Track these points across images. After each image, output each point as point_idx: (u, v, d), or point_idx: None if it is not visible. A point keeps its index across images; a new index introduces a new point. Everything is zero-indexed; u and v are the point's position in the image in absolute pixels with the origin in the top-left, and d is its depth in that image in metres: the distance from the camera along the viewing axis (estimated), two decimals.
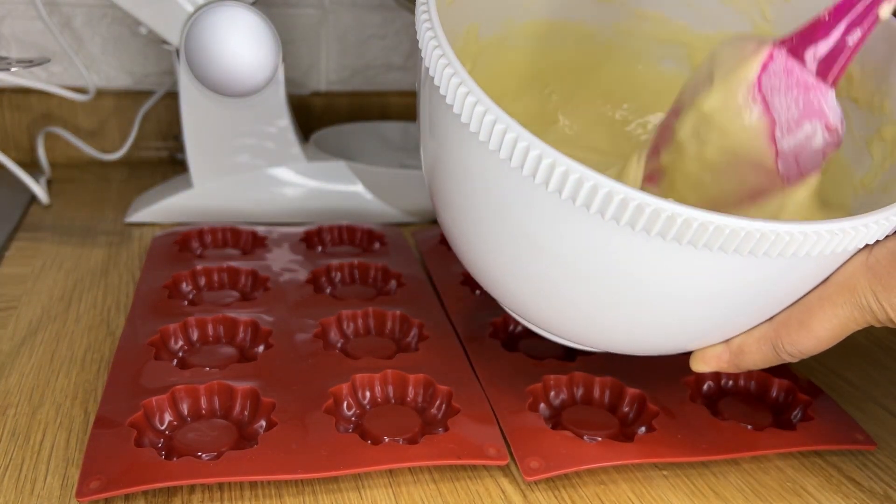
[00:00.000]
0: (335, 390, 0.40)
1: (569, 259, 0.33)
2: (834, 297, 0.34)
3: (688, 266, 0.31)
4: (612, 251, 0.31)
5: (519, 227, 0.33)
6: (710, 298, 0.33)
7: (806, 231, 0.29)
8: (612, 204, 0.29)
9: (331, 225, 0.62)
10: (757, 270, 0.31)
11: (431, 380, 0.42)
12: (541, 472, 0.36)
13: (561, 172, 0.29)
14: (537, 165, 0.30)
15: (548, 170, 0.30)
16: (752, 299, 0.34)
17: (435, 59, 0.32)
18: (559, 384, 0.43)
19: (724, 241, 0.29)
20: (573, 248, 0.32)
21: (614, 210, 0.29)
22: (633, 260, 0.31)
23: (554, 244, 0.32)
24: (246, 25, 0.60)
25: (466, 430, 0.38)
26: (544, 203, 0.31)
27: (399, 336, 0.48)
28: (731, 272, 0.31)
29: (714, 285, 0.32)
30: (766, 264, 0.31)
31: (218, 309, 0.48)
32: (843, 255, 0.32)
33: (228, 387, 0.40)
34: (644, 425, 0.40)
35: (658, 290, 0.32)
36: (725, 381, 0.45)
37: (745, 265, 0.31)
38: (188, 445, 0.37)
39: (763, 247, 0.29)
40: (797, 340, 0.36)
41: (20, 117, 0.77)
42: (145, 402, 0.38)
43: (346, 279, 0.55)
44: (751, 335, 0.36)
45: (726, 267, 0.31)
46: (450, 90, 0.32)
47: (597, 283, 0.33)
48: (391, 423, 0.39)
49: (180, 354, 0.45)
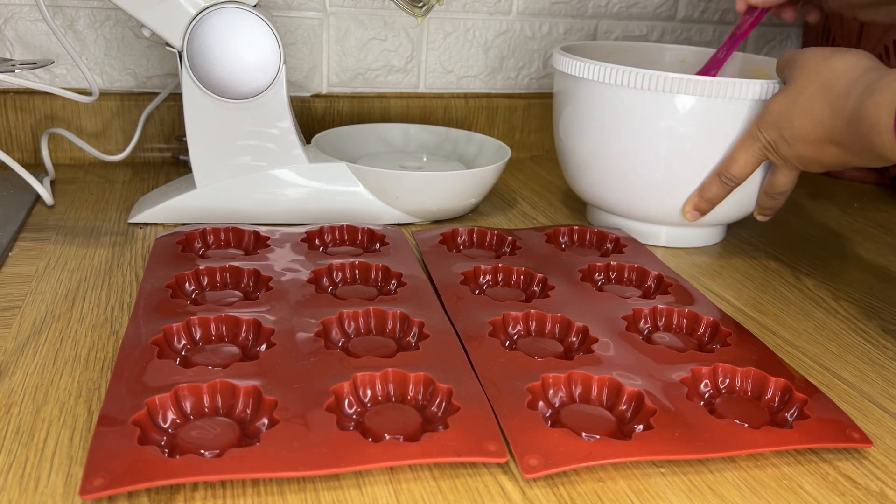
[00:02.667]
0: (336, 388, 0.41)
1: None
2: (746, 137, 0.60)
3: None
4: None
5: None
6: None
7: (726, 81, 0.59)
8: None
9: (332, 225, 0.62)
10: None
11: (431, 378, 0.42)
12: (539, 470, 0.37)
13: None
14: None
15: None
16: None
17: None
18: (558, 383, 0.43)
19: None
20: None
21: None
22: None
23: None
24: (248, 28, 0.61)
25: (466, 428, 0.39)
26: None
27: (400, 335, 0.48)
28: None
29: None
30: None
31: (220, 308, 0.48)
32: (745, 102, 0.60)
33: (231, 385, 0.40)
34: (642, 423, 0.41)
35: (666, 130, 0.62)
36: (722, 380, 0.45)
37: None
38: (191, 443, 0.37)
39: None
40: (729, 167, 0.61)
41: (24, 119, 0.78)
42: (148, 401, 0.39)
43: (347, 279, 0.55)
44: (707, 177, 0.63)
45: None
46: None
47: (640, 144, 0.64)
48: (392, 420, 0.40)
49: (183, 353, 0.45)
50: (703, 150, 0.62)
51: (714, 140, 0.62)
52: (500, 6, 0.89)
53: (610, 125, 0.64)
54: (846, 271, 0.66)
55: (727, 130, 0.61)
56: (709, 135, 0.62)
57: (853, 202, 0.86)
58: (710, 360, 0.46)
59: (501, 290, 0.56)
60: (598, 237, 0.66)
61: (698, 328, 0.51)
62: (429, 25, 0.88)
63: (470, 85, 0.92)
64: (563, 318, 0.50)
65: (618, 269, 0.59)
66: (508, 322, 0.50)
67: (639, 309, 0.52)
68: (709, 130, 0.61)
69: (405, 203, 0.67)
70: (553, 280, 0.56)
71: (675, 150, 0.62)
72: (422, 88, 0.90)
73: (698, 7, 0.97)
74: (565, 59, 0.66)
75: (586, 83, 0.65)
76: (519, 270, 0.57)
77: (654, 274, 0.58)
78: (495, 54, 0.91)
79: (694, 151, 0.62)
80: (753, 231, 0.74)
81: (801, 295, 0.61)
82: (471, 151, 0.78)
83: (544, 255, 0.61)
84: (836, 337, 0.54)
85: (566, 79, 0.68)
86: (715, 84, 0.59)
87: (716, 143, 0.62)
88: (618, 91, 0.63)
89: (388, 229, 0.63)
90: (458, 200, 0.69)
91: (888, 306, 0.60)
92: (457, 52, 0.90)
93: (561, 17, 0.92)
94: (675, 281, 0.58)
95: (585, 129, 0.67)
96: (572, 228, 0.66)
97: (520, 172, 0.87)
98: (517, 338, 0.49)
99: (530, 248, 0.62)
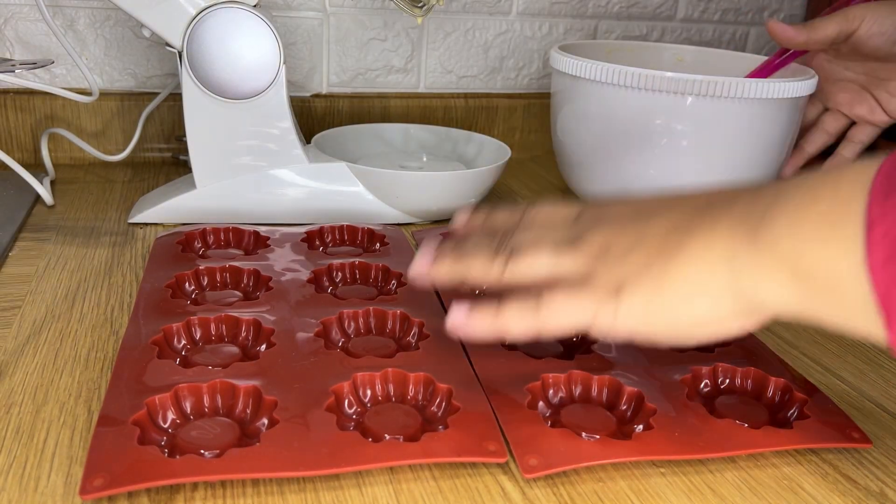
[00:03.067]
0: (336, 388, 0.41)
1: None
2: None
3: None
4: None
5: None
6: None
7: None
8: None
9: (332, 225, 0.62)
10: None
11: (431, 378, 0.42)
12: (539, 470, 0.37)
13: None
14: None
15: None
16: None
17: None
18: (558, 382, 0.43)
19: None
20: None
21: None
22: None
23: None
24: (248, 28, 0.61)
25: (466, 428, 0.39)
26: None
27: (400, 335, 0.49)
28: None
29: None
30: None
31: (220, 308, 0.48)
32: (741, 101, 0.61)
33: (231, 385, 0.40)
34: (642, 423, 0.41)
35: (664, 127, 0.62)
36: (722, 380, 0.45)
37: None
38: (191, 443, 0.37)
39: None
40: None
41: (24, 119, 0.78)
42: (148, 401, 0.39)
43: (347, 279, 0.55)
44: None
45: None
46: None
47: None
48: (392, 420, 0.40)
49: (183, 353, 0.45)
50: (701, 150, 0.62)
51: (711, 139, 0.62)
52: (500, 6, 0.89)
53: (608, 124, 0.65)
54: None
55: (724, 129, 0.61)
56: (706, 134, 0.62)
57: None
58: (710, 359, 0.46)
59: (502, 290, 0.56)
60: None
61: None
62: (429, 25, 0.88)
63: (470, 85, 0.92)
64: None
65: None
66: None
67: None
68: (706, 129, 0.62)
69: (405, 203, 0.67)
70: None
71: (672, 148, 0.62)
72: (422, 88, 0.90)
73: (698, 7, 0.97)
74: (563, 59, 0.66)
75: (584, 82, 0.65)
76: None
77: None
78: (495, 54, 0.91)
79: (691, 150, 0.62)
80: None
81: None
82: (471, 151, 0.78)
83: None
84: (837, 337, 0.54)
85: (564, 78, 0.68)
86: (710, 83, 0.59)
87: (713, 141, 0.62)
88: (616, 90, 0.63)
89: (388, 229, 0.63)
90: (458, 200, 0.69)
91: None
92: (457, 52, 0.90)
93: (561, 17, 0.92)
94: None
95: (583, 128, 0.67)
96: None
97: (520, 172, 0.87)
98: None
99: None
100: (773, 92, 0.61)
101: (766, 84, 0.60)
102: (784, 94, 0.62)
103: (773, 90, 0.61)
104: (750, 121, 0.63)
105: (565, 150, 0.70)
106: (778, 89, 0.61)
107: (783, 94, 0.62)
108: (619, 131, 0.64)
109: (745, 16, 0.99)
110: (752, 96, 0.60)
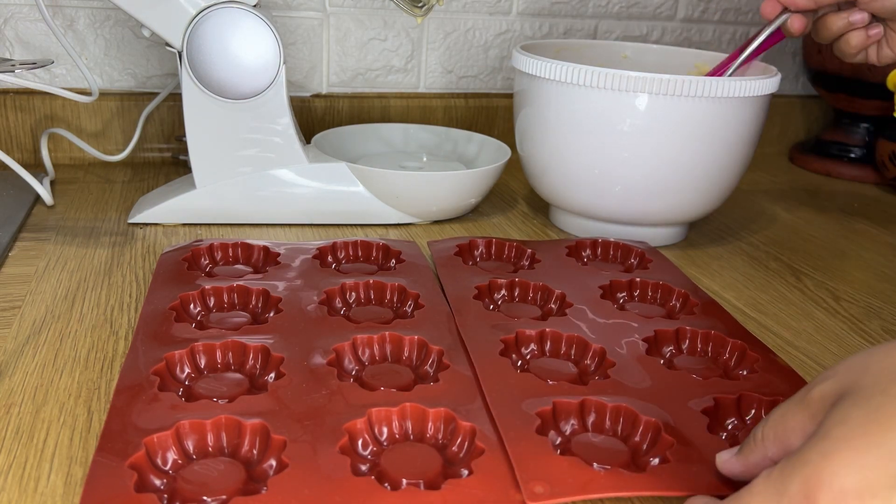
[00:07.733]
0: (350, 426, 0.38)
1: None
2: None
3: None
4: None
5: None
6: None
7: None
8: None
9: (345, 241, 0.60)
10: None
11: (452, 415, 0.39)
12: (545, 498, 0.34)
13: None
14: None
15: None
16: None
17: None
18: (570, 410, 0.41)
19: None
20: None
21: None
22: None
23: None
24: (248, 28, 0.61)
25: (491, 473, 0.36)
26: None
27: (417, 363, 0.46)
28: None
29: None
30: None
31: (227, 333, 0.46)
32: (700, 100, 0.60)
33: (237, 422, 0.38)
34: (658, 456, 0.38)
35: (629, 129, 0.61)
36: (747, 411, 0.43)
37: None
38: (192, 489, 0.34)
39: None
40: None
41: (24, 119, 0.78)
42: (147, 440, 0.36)
43: (361, 299, 0.53)
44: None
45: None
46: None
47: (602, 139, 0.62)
48: (410, 462, 0.37)
49: (186, 383, 0.43)
50: (665, 148, 0.61)
51: (674, 137, 0.61)
52: (500, 6, 0.89)
53: (570, 125, 0.63)
54: (846, 271, 0.66)
55: (688, 128, 0.60)
56: (669, 132, 0.61)
57: (853, 202, 0.86)
58: (736, 388, 0.44)
59: (516, 306, 0.54)
60: (622, 251, 0.63)
61: (723, 353, 0.49)
62: (429, 25, 0.88)
63: (470, 85, 0.92)
64: (579, 338, 0.48)
65: (641, 287, 0.57)
66: (521, 341, 0.48)
67: (661, 330, 0.50)
68: (668, 128, 0.61)
69: (405, 203, 0.67)
70: (571, 297, 0.54)
71: (636, 147, 0.62)
72: (422, 88, 0.90)
73: (698, 7, 0.97)
74: (525, 59, 0.65)
75: (543, 82, 0.64)
76: (536, 286, 0.55)
77: (680, 292, 0.56)
78: (495, 54, 0.91)
79: (656, 149, 0.61)
80: (753, 231, 0.74)
81: (801, 295, 0.61)
82: (471, 151, 0.78)
83: (564, 270, 0.59)
84: (837, 337, 0.54)
85: (524, 78, 0.67)
86: (670, 82, 0.58)
87: (675, 140, 0.61)
88: (575, 90, 0.62)
89: (404, 245, 0.60)
90: (458, 200, 0.69)
91: (889, 306, 0.60)
92: (457, 52, 0.90)
93: (561, 17, 0.92)
94: (702, 300, 0.55)
95: (545, 130, 0.65)
96: (595, 241, 0.64)
97: (520, 172, 0.87)
98: (530, 358, 0.47)
99: (550, 262, 0.60)
100: (737, 90, 0.59)
101: (726, 82, 0.59)
102: (749, 92, 0.60)
103: (736, 89, 0.59)
104: (716, 119, 0.61)
105: (528, 153, 0.69)
106: (742, 87, 0.59)
107: (747, 92, 0.60)
108: (581, 132, 0.63)
109: (745, 16, 0.99)
110: (710, 95, 0.59)
